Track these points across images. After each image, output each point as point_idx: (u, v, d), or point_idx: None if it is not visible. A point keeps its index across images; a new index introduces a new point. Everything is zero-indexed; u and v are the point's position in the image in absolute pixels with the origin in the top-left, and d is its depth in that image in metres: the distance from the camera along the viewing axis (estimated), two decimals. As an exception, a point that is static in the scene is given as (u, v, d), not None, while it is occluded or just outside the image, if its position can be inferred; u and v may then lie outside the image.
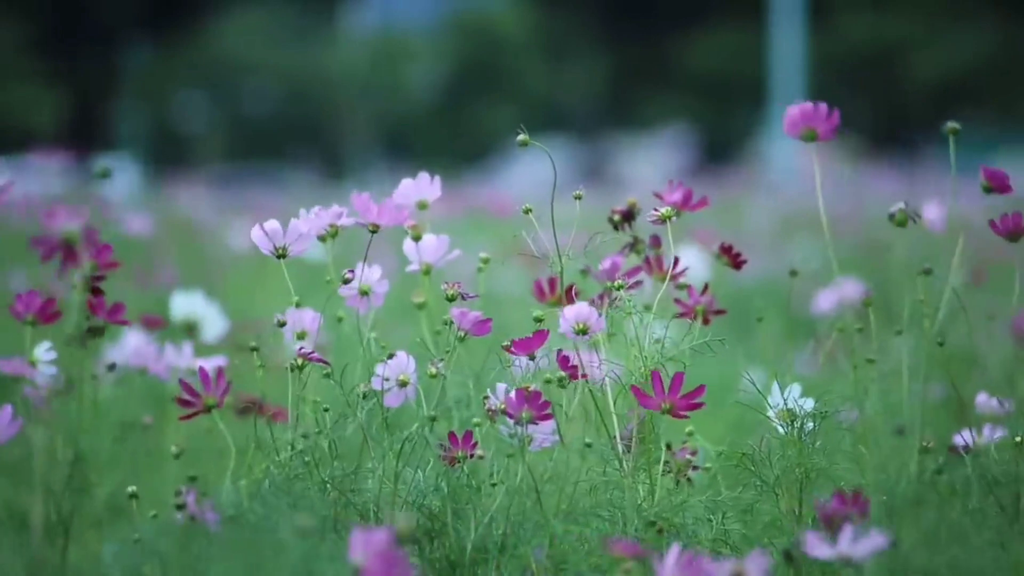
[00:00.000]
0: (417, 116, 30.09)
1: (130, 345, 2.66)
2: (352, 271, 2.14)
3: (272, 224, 2.12)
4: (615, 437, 2.08)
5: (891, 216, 2.17)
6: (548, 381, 2.06)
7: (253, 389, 2.10)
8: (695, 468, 2.18)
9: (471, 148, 27.62)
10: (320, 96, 29.68)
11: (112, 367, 2.36)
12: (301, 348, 2.08)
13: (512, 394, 2.02)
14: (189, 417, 2.09)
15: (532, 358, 2.07)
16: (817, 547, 1.78)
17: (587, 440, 2.11)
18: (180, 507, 1.99)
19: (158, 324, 2.85)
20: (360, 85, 29.68)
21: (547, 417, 2.04)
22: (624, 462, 2.07)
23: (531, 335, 2.07)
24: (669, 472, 2.11)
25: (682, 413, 2.03)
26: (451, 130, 29.48)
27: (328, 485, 2.03)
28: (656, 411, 2.03)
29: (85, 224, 2.01)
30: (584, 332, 2.08)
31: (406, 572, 1.63)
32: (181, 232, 8.40)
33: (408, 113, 30.09)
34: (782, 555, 2.05)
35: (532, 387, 2.03)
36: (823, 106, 2.16)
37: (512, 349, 2.07)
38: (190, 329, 2.77)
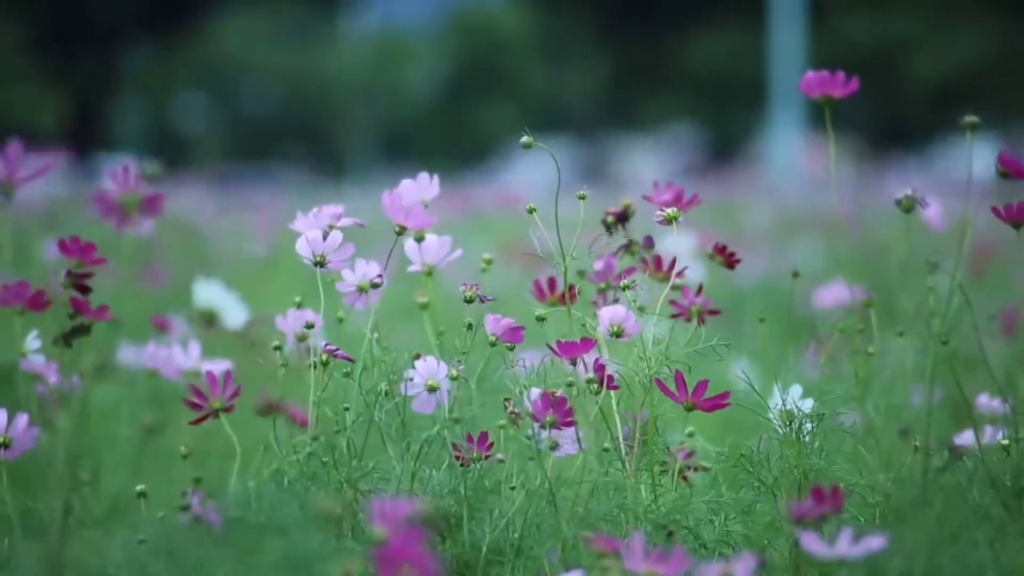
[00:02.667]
0: (417, 116, 30.10)
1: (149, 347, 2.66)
2: (381, 275, 2.14)
3: (314, 234, 2.13)
4: (618, 439, 2.08)
5: (898, 202, 2.17)
6: (570, 384, 2.06)
7: (259, 389, 2.10)
8: (696, 469, 2.18)
9: (471, 148, 27.62)
10: (320, 96, 29.68)
11: (101, 367, 2.35)
12: (327, 344, 2.08)
13: (538, 399, 2.02)
14: (198, 421, 2.10)
15: (574, 363, 2.07)
16: (814, 546, 1.78)
17: (605, 445, 2.11)
18: (184, 508, 2.00)
19: (164, 326, 2.85)
20: (360, 85, 29.69)
21: (571, 423, 2.04)
22: (627, 463, 2.07)
23: (575, 339, 2.06)
24: (666, 472, 2.11)
25: (706, 411, 2.04)
26: (451, 130, 29.49)
27: (344, 485, 2.03)
28: (663, 406, 2.04)
29: None
30: (620, 334, 2.08)
31: (427, 552, 1.61)
32: (181, 232, 8.40)
33: (408, 113, 30.10)
34: (758, 563, 2.05)
35: (559, 392, 2.03)
36: (840, 73, 2.20)
37: (556, 351, 2.07)
38: (210, 318, 2.76)
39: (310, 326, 2.10)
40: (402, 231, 2.17)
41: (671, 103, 29.69)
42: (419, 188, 2.22)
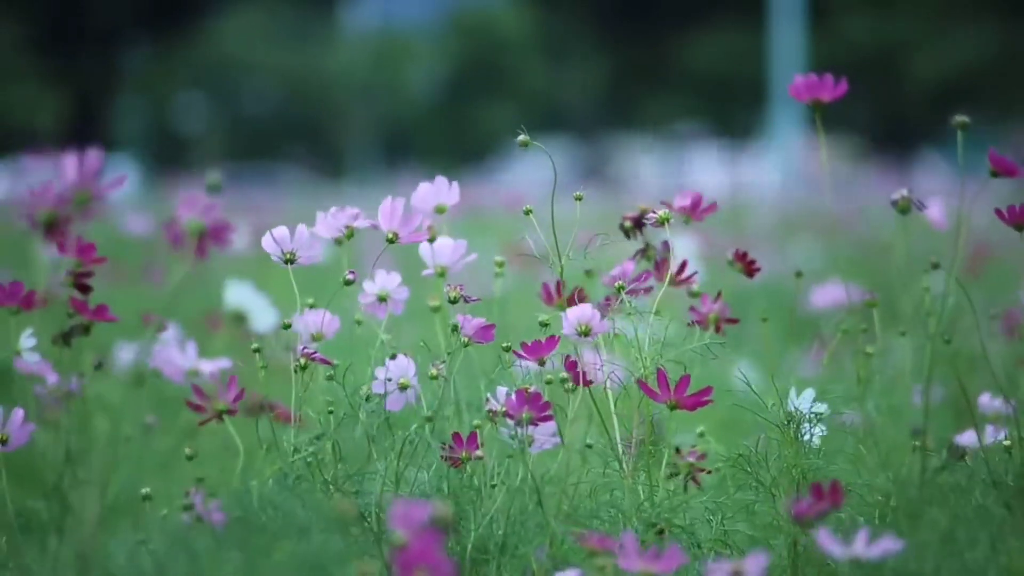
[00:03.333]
0: (417, 116, 30.10)
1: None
2: (354, 273, 2.13)
3: (281, 230, 2.11)
4: (615, 438, 2.08)
5: (894, 203, 2.17)
6: (549, 382, 2.05)
7: (259, 390, 2.11)
8: (700, 470, 2.18)
9: (471, 148, 27.63)
10: (320, 96, 29.68)
11: (99, 366, 2.35)
12: (304, 348, 2.07)
13: (513, 396, 2.02)
14: (203, 423, 2.09)
15: (541, 363, 2.06)
16: (831, 546, 1.77)
17: (588, 441, 2.11)
18: (187, 508, 2.00)
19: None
20: (360, 85, 29.69)
21: (547, 418, 2.03)
22: (624, 463, 2.07)
23: (542, 339, 2.06)
24: (674, 474, 2.11)
25: (688, 408, 2.03)
26: (451, 130, 29.49)
27: (331, 486, 2.03)
28: (663, 406, 2.04)
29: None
30: (587, 333, 2.07)
31: (445, 555, 1.62)
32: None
33: (408, 113, 30.10)
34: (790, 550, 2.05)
35: (532, 388, 2.03)
36: (828, 76, 2.20)
37: (520, 353, 2.06)
38: (240, 320, 2.75)
39: (286, 327, 2.08)
40: (394, 239, 2.13)
41: (671, 103, 29.70)
42: (436, 192, 2.18)
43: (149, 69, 30.69)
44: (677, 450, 2.13)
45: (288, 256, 2.10)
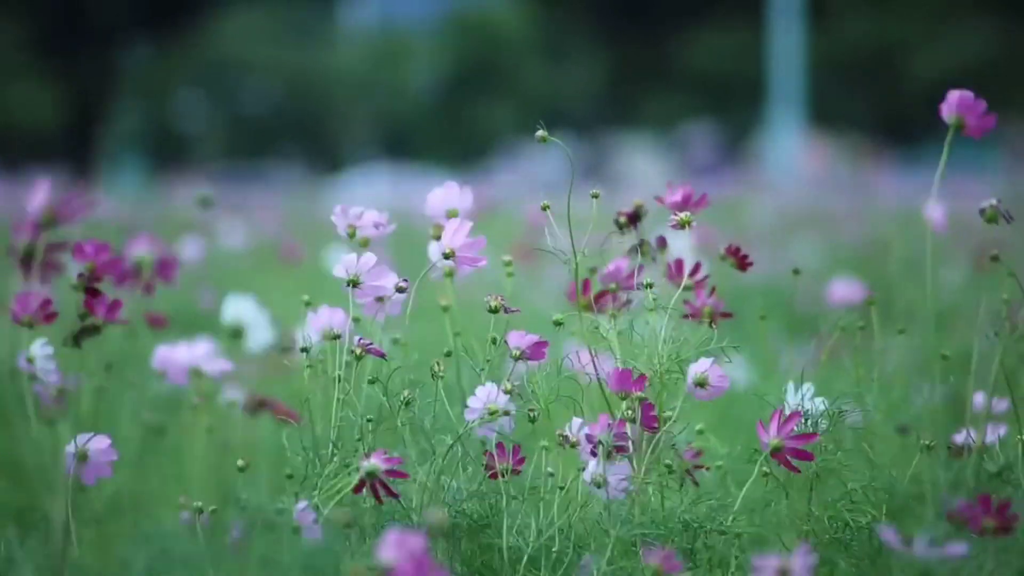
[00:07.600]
0: (417, 114, 30.09)
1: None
2: (406, 280, 2.07)
3: (350, 258, 2.04)
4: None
5: (982, 212, 2.20)
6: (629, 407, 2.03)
7: (268, 391, 2.10)
8: (700, 468, 2.17)
9: (471, 147, 27.61)
10: (320, 95, 29.68)
11: (109, 367, 2.35)
12: (360, 339, 2.01)
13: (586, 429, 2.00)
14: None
15: (623, 397, 2.04)
16: (895, 544, 1.78)
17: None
18: (192, 509, 1.99)
19: (161, 323, 2.83)
20: (360, 83, 29.68)
21: (623, 448, 2.01)
22: (633, 463, 2.06)
23: (621, 368, 2.05)
24: (671, 472, 2.11)
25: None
26: (451, 129, 29.48)
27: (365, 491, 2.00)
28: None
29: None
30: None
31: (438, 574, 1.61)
32: (181, 231, 8.38)
33: (408, 111, 30.09)
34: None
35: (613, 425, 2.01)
36: (983, 102, 2.23)
37: (611, 383, 2.03)
38: (236, 335, 2.74)
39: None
40: (451, 255, 2.06)
41: (671, 102, 29.69)
42: (447, 197, 2.15)
43: (149, 68, 30.68)
44: (674, 447, 2.13)
45: (353, 279, 2.05)
